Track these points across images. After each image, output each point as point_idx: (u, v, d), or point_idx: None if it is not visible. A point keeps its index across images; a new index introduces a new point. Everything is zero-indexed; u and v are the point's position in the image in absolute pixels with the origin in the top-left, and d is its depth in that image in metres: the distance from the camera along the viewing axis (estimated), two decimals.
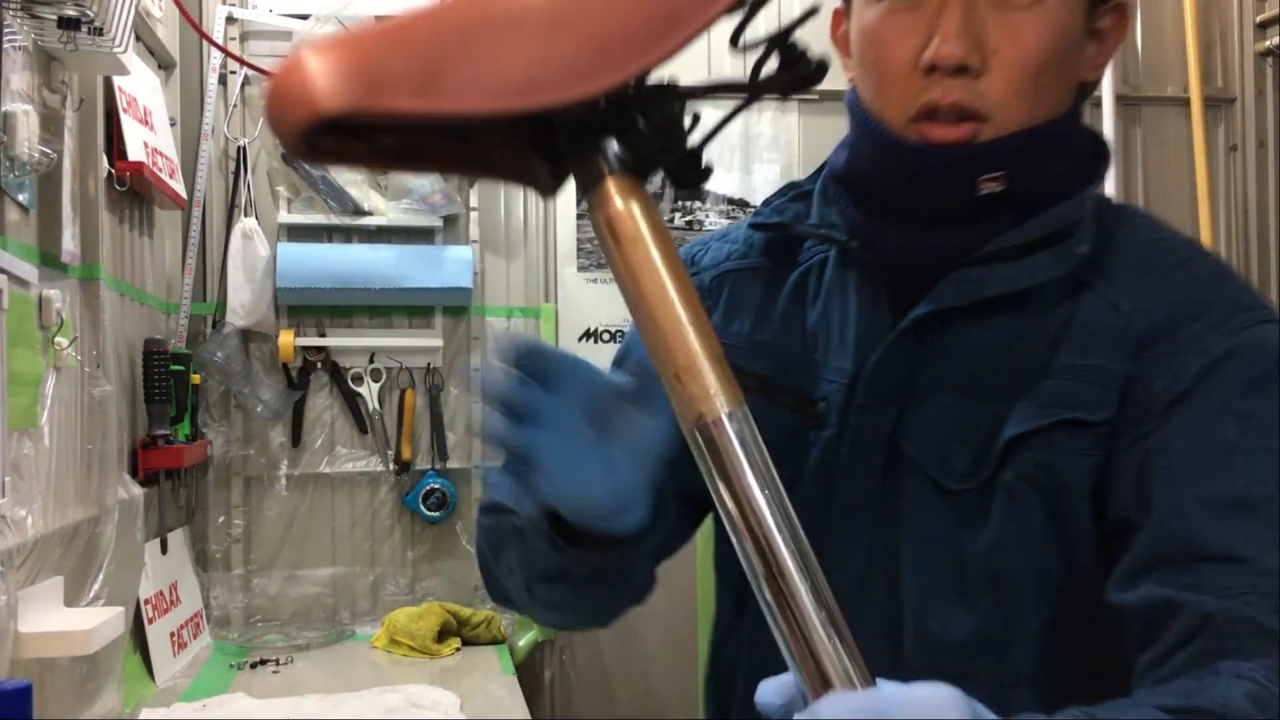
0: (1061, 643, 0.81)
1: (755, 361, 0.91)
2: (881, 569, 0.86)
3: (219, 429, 2.54)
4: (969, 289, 0.85)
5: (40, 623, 1.35)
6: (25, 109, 1.37)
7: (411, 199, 2.59)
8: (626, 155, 0.64)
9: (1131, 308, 0.82)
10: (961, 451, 0.83)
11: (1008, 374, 0.83)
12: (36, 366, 1.44)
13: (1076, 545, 0.81)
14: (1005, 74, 0.82)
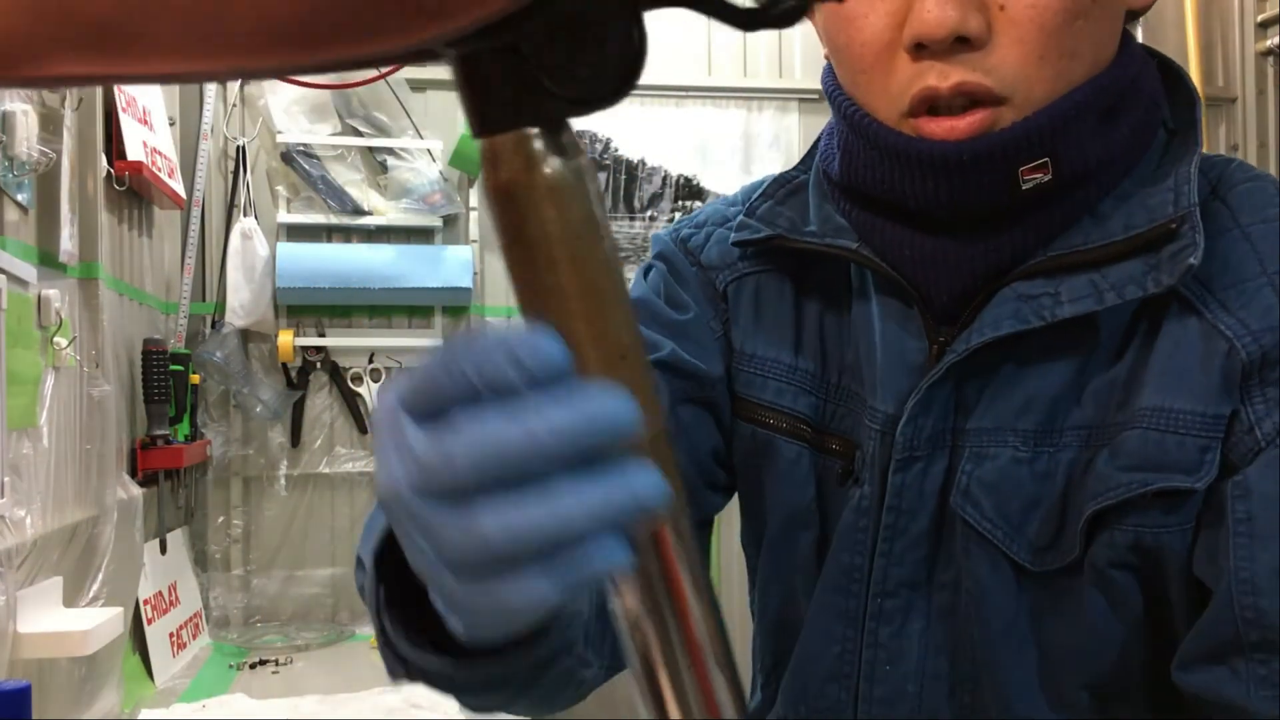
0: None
1: (799, 398, 0.74)
2: (942, 660, 0.69)
3: (218, 429, 2.54)
4: (1035, 309, 0.64)
5: (39, 623, 1.35)
6: (24, 109, 1.36)
7: (411, 199, 2.58)
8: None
9: (1237, 328, 0.61)
10: (1037, 520, 0.65)
11: (1083, 415, 0.65)
12: (35, 366, 1.44)
13: (1179, 626, 0.63)
14: (1019, 36, 0.62)
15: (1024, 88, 0.62)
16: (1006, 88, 0.62)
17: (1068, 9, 0.61)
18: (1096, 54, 0.64)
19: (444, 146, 2.61)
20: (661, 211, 2.76)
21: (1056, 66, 0.62)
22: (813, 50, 2.86)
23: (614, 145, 2.75)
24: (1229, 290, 0.62)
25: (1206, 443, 0.61)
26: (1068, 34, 0.62)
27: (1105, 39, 0.65)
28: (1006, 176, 0.63)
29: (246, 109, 2.58)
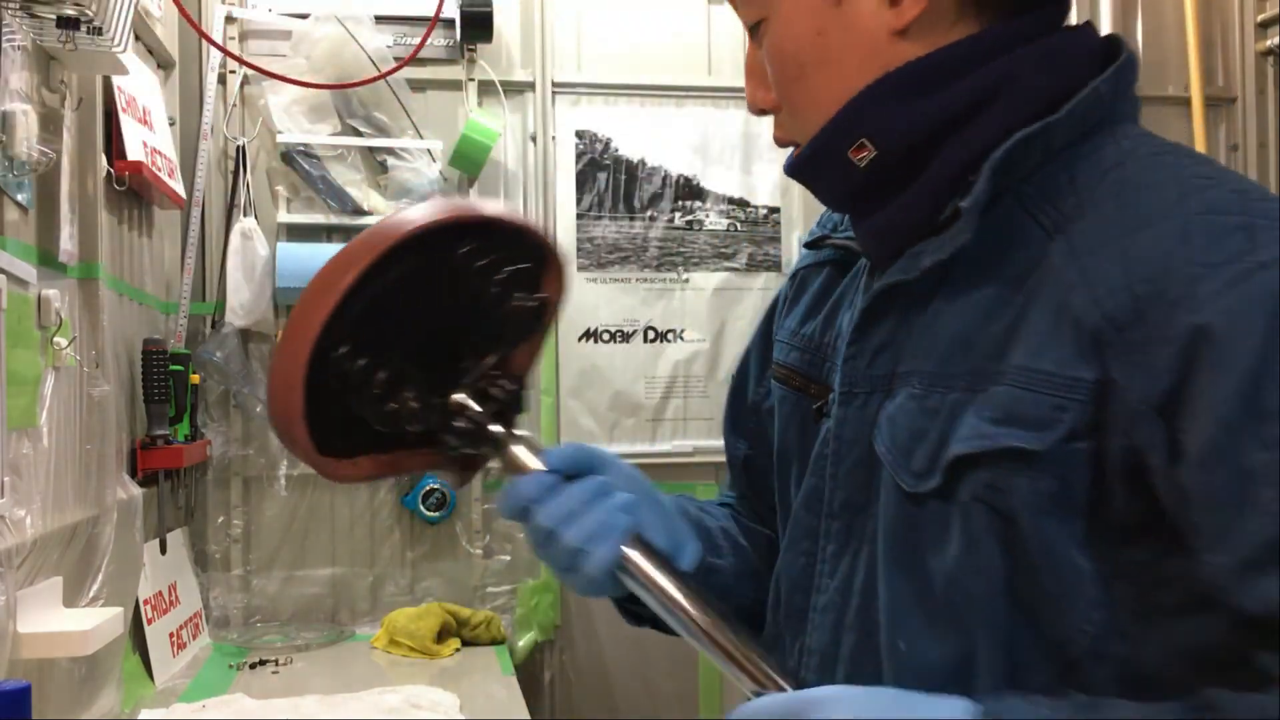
0: (1031, 672, 0.71)
1: (791, 354, 0.92)
2: (864, 576, 0.79)
3: (218, 429, 2.54)
4: (911, 263, 0.77)
5: (39, 623, 1.35)
6: (24, 109, 1.36)
7: (411, 199, 2.58)
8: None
9: (1086, 292, 0.68)
10: (920, 451, 0.74)
11: (968, 363, 0.73)
12: (35, 366, 1.44)
13: (1042, 570, 0.70)
14: (784, 102, 0.83)
15: (801, 131, 0.82)
16: (792, 135, 0.84)
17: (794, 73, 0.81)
18: (845, 91, 0.78)
19: (444, 146, 2.61)
20: (661, 211, 2.76)
21: (812, 109, 0.81)
22: None
23: (614, 145, 2.75)
24: (1086, 252, 0.69)
25: (1062, 402, 0.68)
26: (804, 90, 0.81)
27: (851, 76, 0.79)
28: (842, 165, 0.79)
29: (246, 109, 2.58)
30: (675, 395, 2.76)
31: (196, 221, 2.50)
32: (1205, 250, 0.65)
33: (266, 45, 2.59)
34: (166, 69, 2.44)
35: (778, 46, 0.82)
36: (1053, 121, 0.74)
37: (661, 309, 2.76)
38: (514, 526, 2.68)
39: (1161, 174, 0.71)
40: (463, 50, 2.66)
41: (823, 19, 0.80)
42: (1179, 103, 3.01)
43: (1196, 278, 0.65)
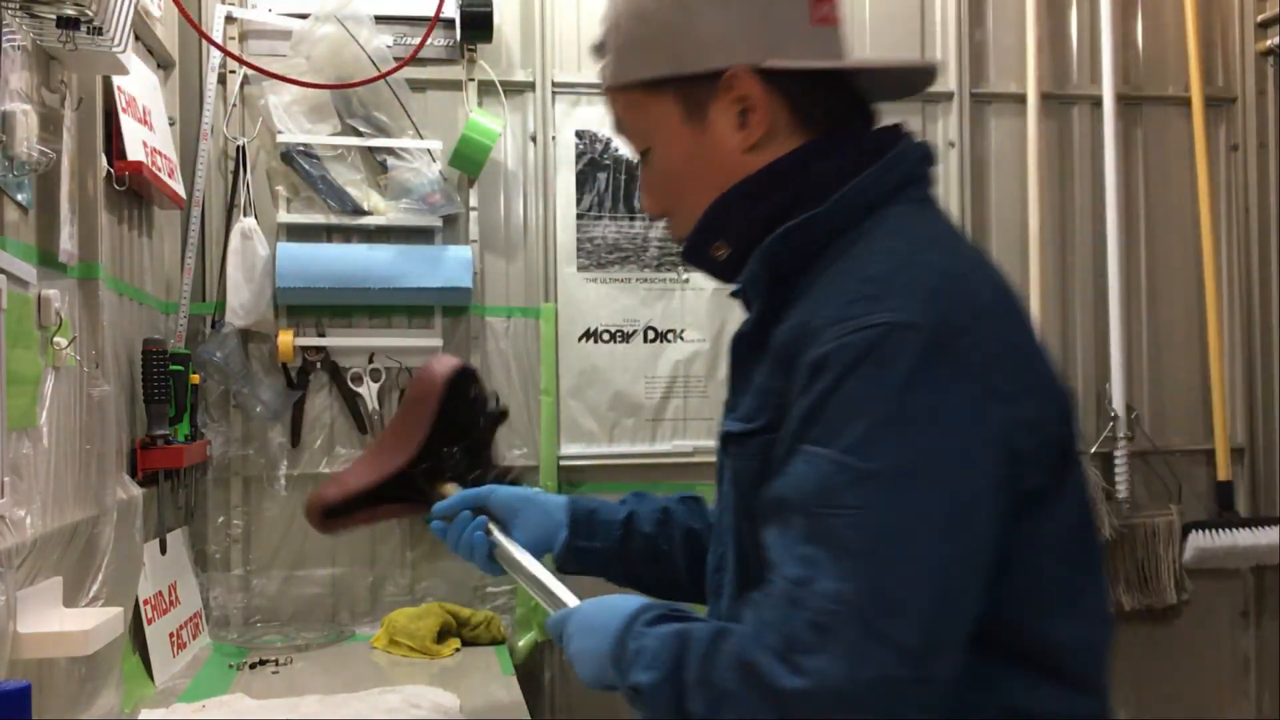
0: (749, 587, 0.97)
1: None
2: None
3: (218, 429, 2.54)
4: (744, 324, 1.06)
5: (39, 623, 1.35)
6: (24, 109, 1.36)
7: (411, 199, 2.58)
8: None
9: (783, 331, 0.96)
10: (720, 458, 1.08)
11: (750, 377, 1.02)
12: (35, 366, 1.44)
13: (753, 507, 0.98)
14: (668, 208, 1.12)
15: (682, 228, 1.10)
16: (680, 232, 1.11)
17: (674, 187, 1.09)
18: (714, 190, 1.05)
19: (444, 146, 2.61)
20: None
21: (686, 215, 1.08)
22: None
23: (614, 145, 2.74)
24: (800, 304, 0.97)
25: (763, 402, 0.98)
26: (683, 200, 1.08)
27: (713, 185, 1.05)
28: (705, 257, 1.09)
29: (246, 109, 2.58)
30: (675, 395, 2.76)
31: (196, 221, 2.50)
32: (839, 310, 0.90)
33: (266, 45, 2.59)
34: (167, 69, 2.44)
35: (660, 168, 1.09)
36: (817, 214, 0.98)
37: (661, 309, 2.76)
38: None
39: (864, 251, 0.95)
40: (463, 50, 2.66)
41: (692, 144, 1.05)
42: (1179, 103, 3.01)
43: (825, 325, 0.90)
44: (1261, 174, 3.05)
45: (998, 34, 2.95)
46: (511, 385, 2.69)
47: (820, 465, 0.86)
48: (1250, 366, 3.04)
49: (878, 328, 0.86)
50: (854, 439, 0.85)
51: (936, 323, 0.87)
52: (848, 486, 0.85)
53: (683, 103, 1.04)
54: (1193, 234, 3.00)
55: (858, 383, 0.86)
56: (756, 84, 1.01)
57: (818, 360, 0.89)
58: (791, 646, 0.83)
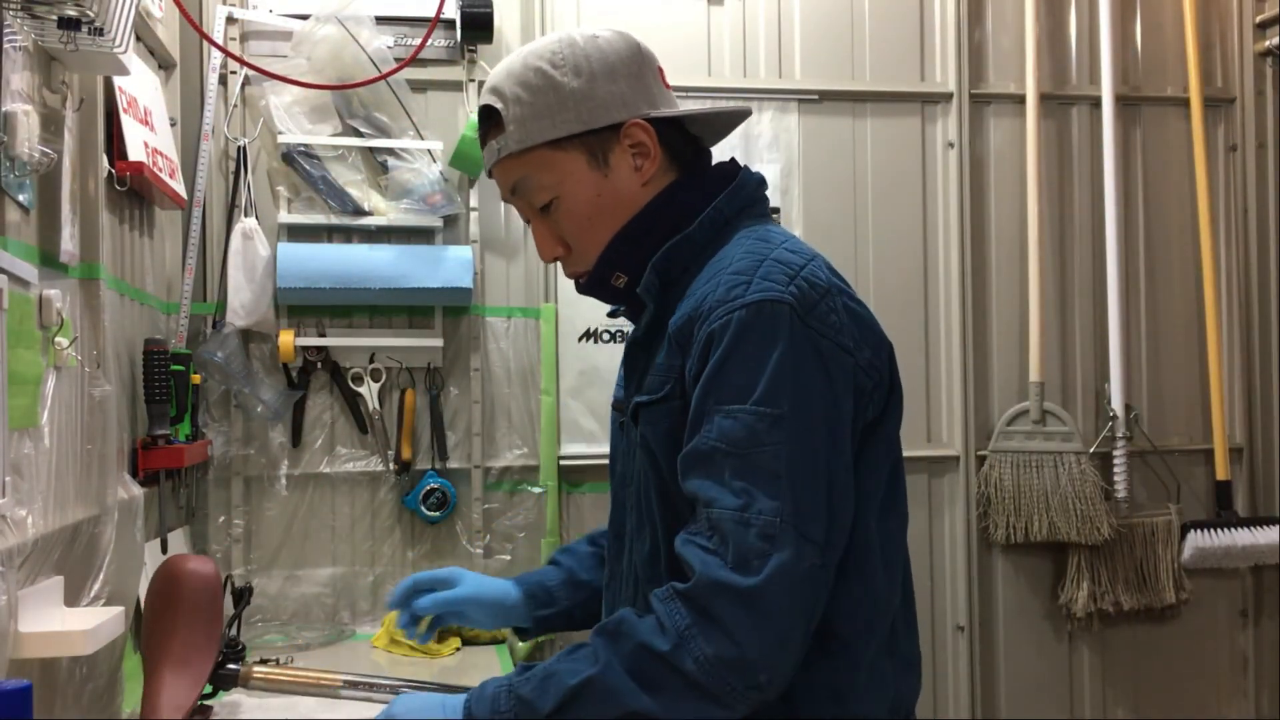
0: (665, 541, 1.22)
1: (617, 390, 1.41)
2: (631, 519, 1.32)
3: (219, 429, 2.54)
4: (637, 327, 1.32)
5: (40, 623, 1.35)
6: (25, 109, 1.37)
7: (412, 199, 2.59)
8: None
9: (676, 320, 1.21)
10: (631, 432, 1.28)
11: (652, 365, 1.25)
12: (36, 366, 1.44)
13: (672, 484, 1.19)
14: (574, 247, 1.32)
15: (587, 260, 1.32)
16: (582, 265, 1.33)
17: (583, 225, 1.30)
18: (617, 222, 1.29)
19: (444, 147, 2.62)
20: None
21: (594, 245, 1.30)
22: (812, 51, 2.87)
23: None
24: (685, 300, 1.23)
25: (665, 377, 1.22)
26: (590, 231, 1.30)
27: (620, 214, 1.29)
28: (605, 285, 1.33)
29: (247, 109, 2.59)
30: None
31: (197, 222, 2.51)
32: (722, 295, 1.16)
33: (267, 46, 2.60)
34: (168, 69, 2.44)
35: (569, 211, 1.29)
36: (688, 233, 1.27)
37: None
38: (514, 526, 2.69)
39: (731, 253, 1.22)
40: (463, 51, 2.66)
41: (598, 186, 1.28)
42: (1178, 103, 3.01)
43: (712, 308, 1.16)
44: (1260, 174, 3.05)
45: (997, 34, 2.95)
46: (511, 385, 2.70)
47: (743, 418, 1.11)
48: (1249, 366, 3.05)
49: (753, 304, 1.13)
50: (761, 393, 1.11)
51: (796, 296, 1.14)
52: (767, 430, 1.10)
53: (588, 153, 1.28)
54: (1191, 234, 3.00)
55: (750, 347, 1.12)
56: (647, 131, 1.28)
57: (710, 334, 1.15)
58: (746, 557, 1.07)
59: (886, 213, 2.87)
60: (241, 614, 1.88)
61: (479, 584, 1.52)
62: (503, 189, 1.34)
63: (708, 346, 1.15)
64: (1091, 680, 2.96)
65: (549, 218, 1.31)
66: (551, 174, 1.28)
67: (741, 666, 1.06)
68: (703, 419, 1.13)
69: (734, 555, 1.08)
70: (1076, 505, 2.82)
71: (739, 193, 1.31)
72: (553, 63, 1.28)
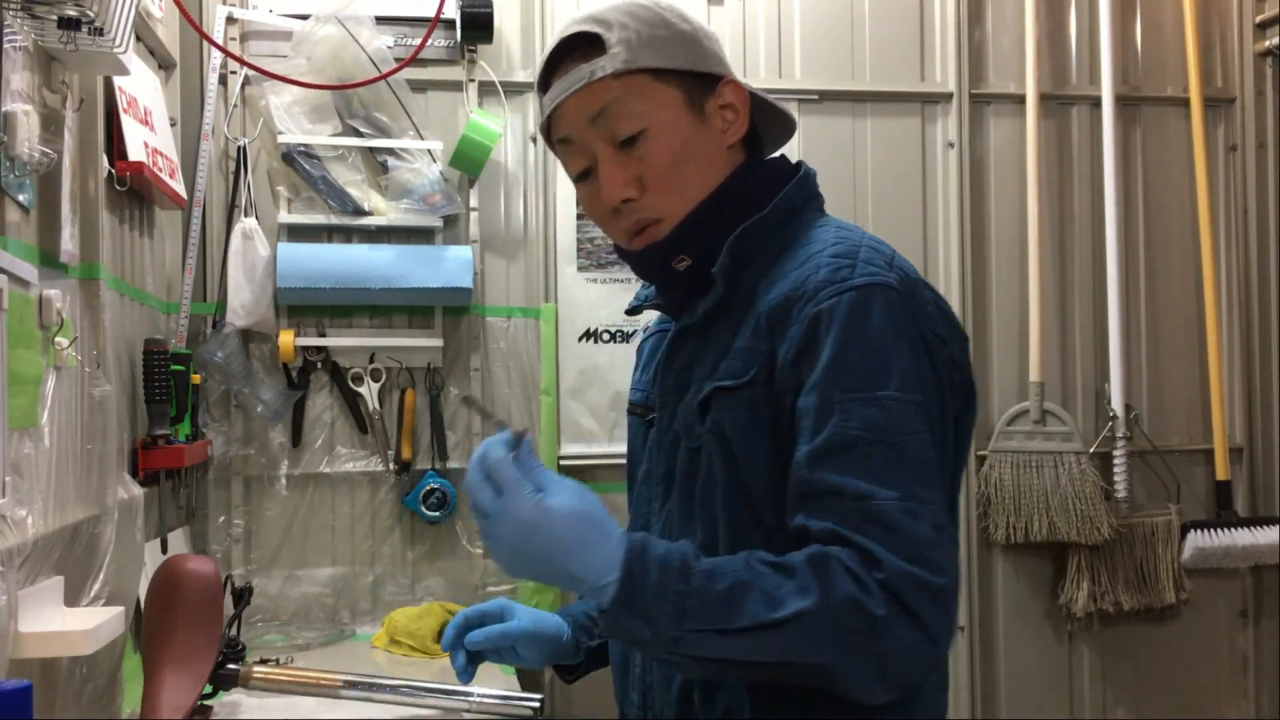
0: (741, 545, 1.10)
1: (635, 394, 1.37)
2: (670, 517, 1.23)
3: (219, 429, 2.54)
4: (693, 314, 1.23)
5: (40, 623, 1.35)
6: (25, 109, 1.37)
7: (412, 199, 2.59)
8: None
9: (765, 302, 1.15)
10: (695, 421, 1.19)
11: (722, 360, 1.17)
12: (36, 366, 1.44)
13: (747, 475, 1.13)
14: (652, 188, 1.20)
15: (665, 209, 1.21)
16: (657, 213, 1.22)
17: (668, 168, 1.20)
18: (703, 180, 1.22)
19: (444, 147, 2.62)
20: None
21: (679, 192, 1.21)
22: (812, 50, 2.87)
23: None
24: (773, 283, 1.16)
25: (747, 362, 1.14)
26: (677, 176, 1.20)
27: (706, 170, 1.22)
28: (668, 265, 1.23)
29: (247, 109, 2.59)
30: None
31: (197, 222, 2.51)
32: (826, 276, 1.11)
33: (267, 46, 2.60)
34: (168, 69, 2.44)
35: (658, 145, 1.20)
36: (762, 216, 1.21)
37: None
38: None
39: (818, 236, 1.19)
40: (463, 51, 2.66)
41: (691, 129, 1.21)
42: (1178, 103, 3.01)
43: (818, 289, 1.11)
44: (1260, 174, 3.05)
45: (997, 34, 2.95)
46: (511, 385, 2.70)
47: (889, 406, 1.05)
48: (1249, 366, 3.05)
49: (863, 287, 1.09)
50: (898, 380, 1.06)
51: (899, 282, 1.11)
52: (910, 416, 1.06)
53: (686, 95, 1.21)
54: (1191, 234, 3.00)
55: (870, 332, 1.07)
56: (740, 95, 1.25)
57: (817, 314, 1.09)
58: (921, 549, 1.01)
59: (886, 213, 2.87)
60: (241, 614, 1.88)
61: (534, 617, 1.40)
62: (578, 118, 1.21)
63: (814, 327, 1.09)
64: (1091, 680, 2.96)
65: (628, 154, 1.20)
66: (648, 103, 1.19)
67: (929, 661, 1.04)
68: (832, 408, 1.06)
69: (909, 548, 1.01)
70: (1076, 505, 2.82)
71: (805, 184, 1.27)
72: (660, 5, 1.24)
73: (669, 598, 0.99)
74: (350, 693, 1.57)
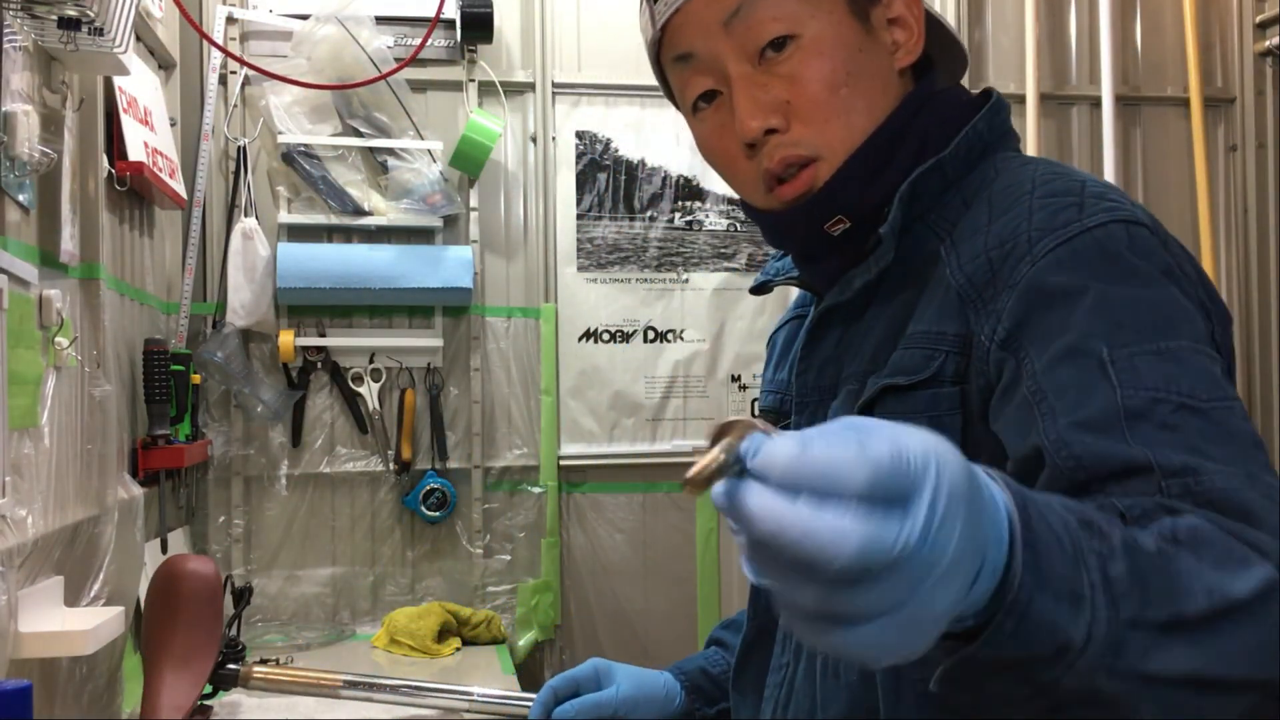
0: None
1: (767, 398, 1.08)
2: None
3: (219, 429, 2.54)
4: (843, 288, 0.94)
5: (40, 623, 1.35)
6: (25, 109, 1.37)
7: (412, 199, 2.59)
8: None
9: (957, 267, 0.85)
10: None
11: (886, 354, 0.89)
12: (36, 366, 1.44)
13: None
14: (805, 116, 0.91)
15: (824, 142, 0.91)
16: (813, 148, 0.91)
17: (828, 89, 0.90)
18: (872, 105, 0.92)
19: (444, 147, 2.62)
20: (661, 212, 2.76)
21: (840, 121, 0.91)
22: None
23: (614, 145, 2.75)
24: (961, 242, 0.86)
25: (930, 352, 0.84)
26: (837, 100, 0.90)
27: (876, 96, 0.92)
28: (819, 228, 0.93)
29: (247, 109, 2.59)
30: (675, 395, 2.77)
31: (197, 222, 2.51)
32: (1045, 221, 0.81)
33: (267, 46, 2.60)
34: (168, 69, 2.44)
35: (815, 55, 0.91)
36: (944, 157, 0.91)
37: (661, 309, 2.77)
38: (514, 526, 2.68)
39: (1021, 176, 0.87)
40: (463, 51, 2.66)
41: (855, 39, 0.92)
42: (1178, 103, 3.01)
43: (1035, 239, 0.80)
44: (1260, 174, 3.05)
45: (996, 34, 2.95)
46: (511, 385, 2.70)
47: (1188, 359, 0.73)
48: (1249, 366, 3.05)
49: (1104, 225, 0.79)
50: (1190, 330, 0.76)
51: (1150, 219, 0.83)
52: (1220, 376, 0.74)
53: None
54: (1191, 234, 3.00)
55: (1133, 276, 0.78)
56: (915, 6, 0.95)
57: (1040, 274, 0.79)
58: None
59: None
60: (241, 614, 1.88)
61: (636, 681, 1.17)
62: (706, 20, 0.92)
63: (1037, 291, 0.78)
64: None
65: (772, 71, 0.91)
66: (800, 1, 0.91)
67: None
68: (1102, 368, 0.73)
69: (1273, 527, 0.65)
70: None
71: (997, 116, 0.96)
72: None
73: (1090, 560, 0.56)
74: (350, 693, 1.56)
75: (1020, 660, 0.55)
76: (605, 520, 2.73)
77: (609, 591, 2.71)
